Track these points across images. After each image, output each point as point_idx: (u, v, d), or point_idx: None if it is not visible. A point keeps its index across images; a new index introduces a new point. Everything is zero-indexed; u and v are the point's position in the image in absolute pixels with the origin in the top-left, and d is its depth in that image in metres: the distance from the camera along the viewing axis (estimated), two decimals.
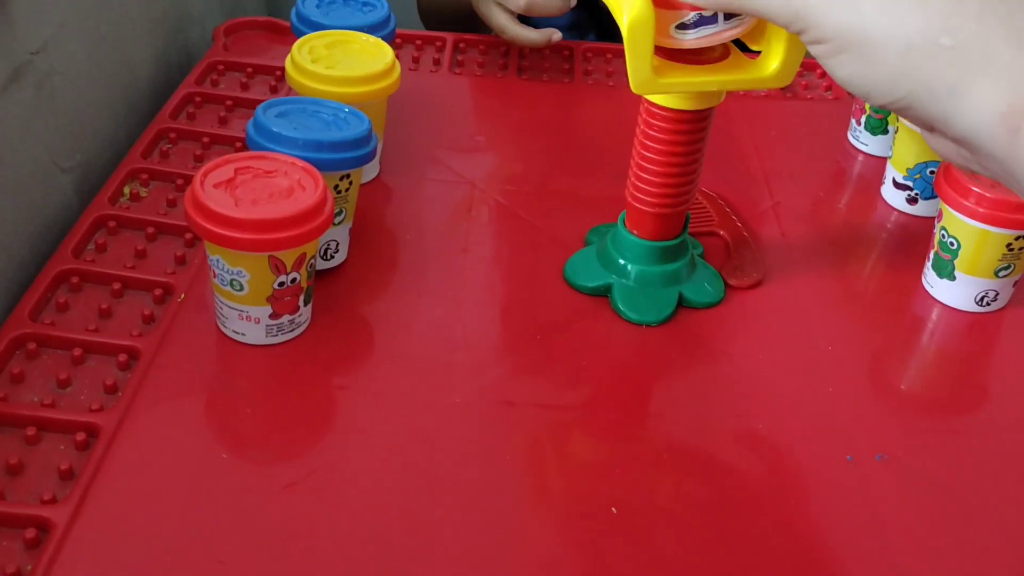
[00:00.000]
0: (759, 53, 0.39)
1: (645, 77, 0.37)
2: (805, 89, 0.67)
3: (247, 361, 0.41)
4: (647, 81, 0.37)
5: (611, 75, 0.66)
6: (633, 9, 0.36)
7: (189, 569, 0.33)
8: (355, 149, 0.43)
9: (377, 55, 0.50)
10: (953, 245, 0.46)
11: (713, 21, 0.37)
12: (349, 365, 0.42)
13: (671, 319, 0.46)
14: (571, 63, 0.67)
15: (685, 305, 0.46)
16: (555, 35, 0.64)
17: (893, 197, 0.54)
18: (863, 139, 0.59)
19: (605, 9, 0.38)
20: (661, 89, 0.38)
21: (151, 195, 0.51)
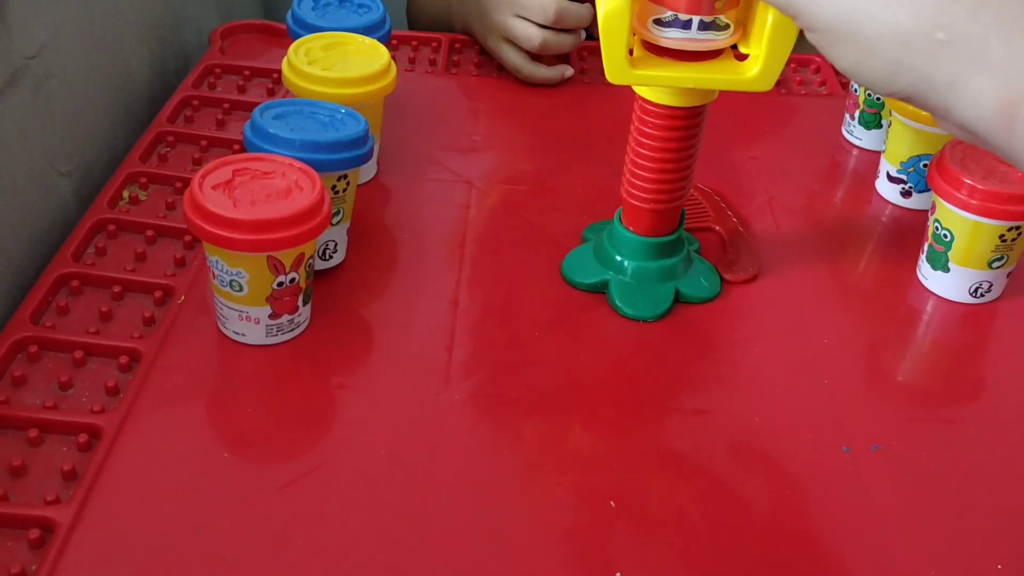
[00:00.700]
0: (748, 56, 0.40)
1: (619, 67, 0.38)
2: (800, 84, 0.67)
3: (247, 361, 0.42)
4: (621, 71, 0.38)
5: None
6: (610, 1, 0.36)
7: (192, 567, 0.33)
8: (352, 150, 0.43)
9: (373, 56, 0.50)
10: (946, 237, 0.46)
11: (687, 27, 0.37)
12: (348, 364, 0.43)
13: (667, 314, 0.46)
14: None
15: (681, 300, 0.47)
16: (568, 71, 0.64)
17: (887, 191, 0.55)
18: (857, 133, 0.59)
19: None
20: (635, 80, 0.39)
21: (150, 198, 0.51)
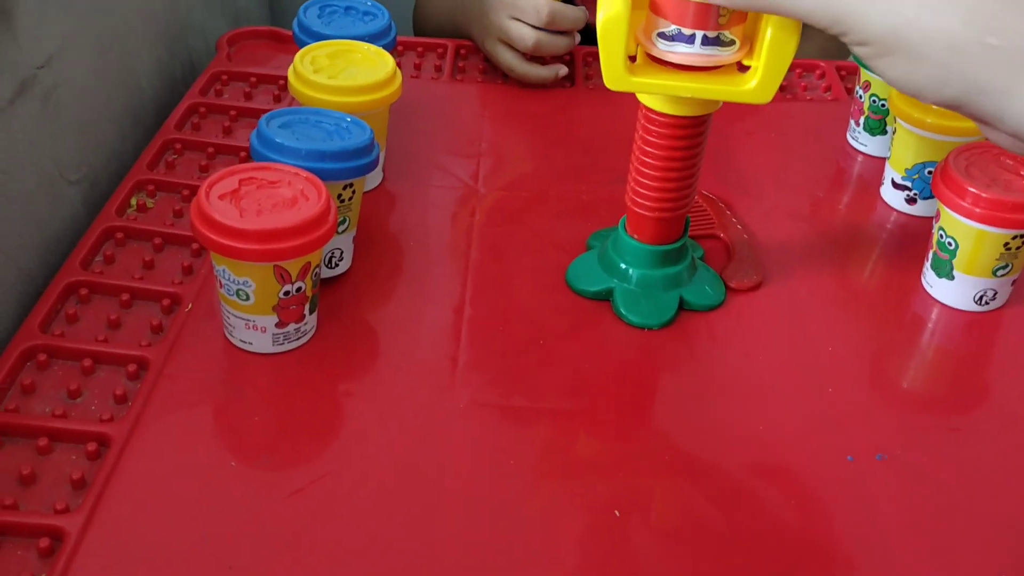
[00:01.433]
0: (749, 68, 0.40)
1: (618, 74, 0.38)
2: (804, 90, 0.67)
3: (254, 370, 0.42)
4: (619, 78, 0.38)
5: None
6: (610, 8, 0.37)
7: (200, 575, 0.33)
8: (357, 159, 0.43)
9: (378, 64, 0.50)
10: (951, 245, 0.46)
11: (691, 42, 0.37)
12: (354, 372, 0.43)
13: (672, 322, 0.46)
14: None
15: (686, 308, 0.47)
16: (561, 70, 0.64)
17: (892, 197, 0.55)
18: (862, 140, 0.59)
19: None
20: (633, 88, 0.39)
21: (158, 206, 0.51)
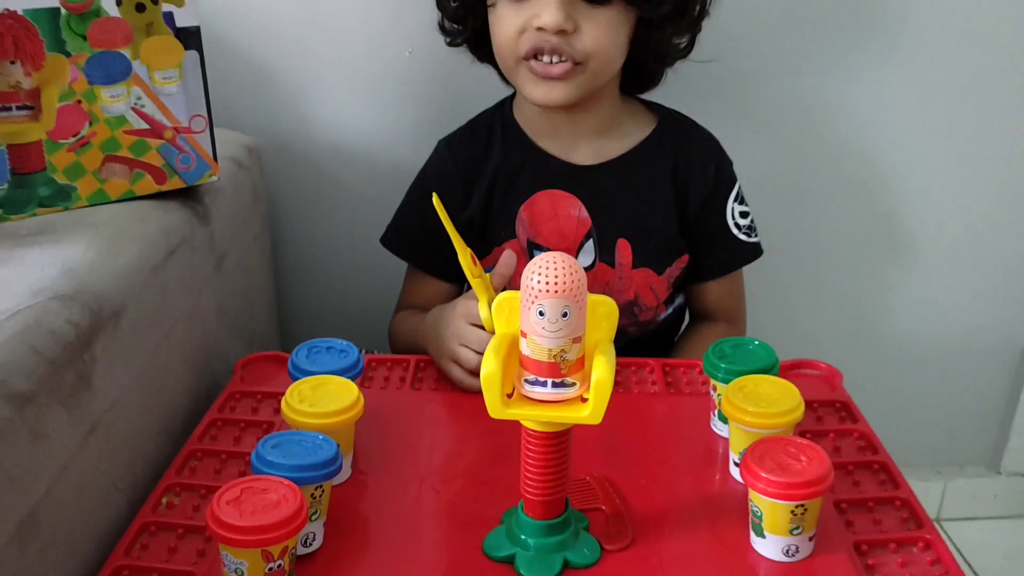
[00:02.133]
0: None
1: (496, 408, 0.57)
2: (687, 384, 0.87)
3: None
4: (498, 411, 0.57)
5: None
6: (487, 366, 0.56)
7: None
8: (324, 468, 0.62)
9: (345, 393, 0.70)
10: (758, 512, 0.63)
11: (544, 385, 0.57)
12: None
13: None
14: None
15: (570, 567, 0.63)
16: None
17: (736, 473, 0.72)
18: (719, 427, 0.78)
19: None
20: (508, 416, 0.58)
21: (181, 502, 0.69)
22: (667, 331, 1.00)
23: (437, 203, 0.72)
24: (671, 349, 1.00)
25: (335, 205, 1.16)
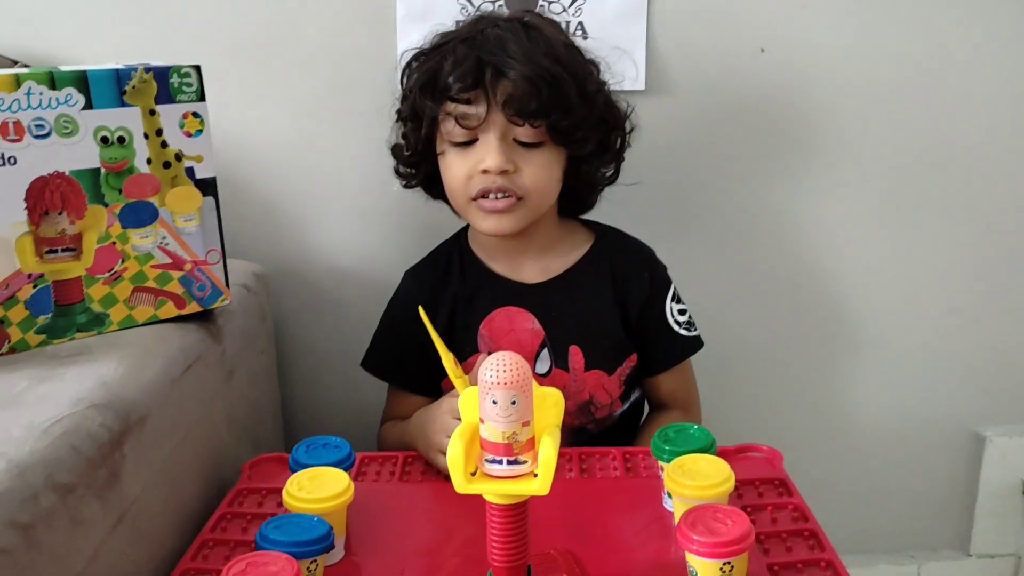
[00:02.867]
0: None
1: (461, 484, 0.67)
2: (645, 468, 0.97)
3: None
4: (462, 486, 0.67)
5: None
6: (452, 450, 0.67)
7: None
8: (318, 544, 0.72)
9: (338, 481, 0.81)
10: (693, 572, 0.72)
11: (500, 463, 0.68)
12: None
13: None
14: None
15: None
16: None
17: None
18: (668, 503, 0.88)
19: None
20: (471, 491, 0.68)
21: None
22: (627, 425, 1.11)
23: (423, 314, 0.85)
24: (633, 438, 1.11)
25: (332, 323, 1.30)
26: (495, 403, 0.68)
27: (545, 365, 1.05)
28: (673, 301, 1.10)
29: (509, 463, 0.69)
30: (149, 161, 0.88)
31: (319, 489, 0.80)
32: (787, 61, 1.24)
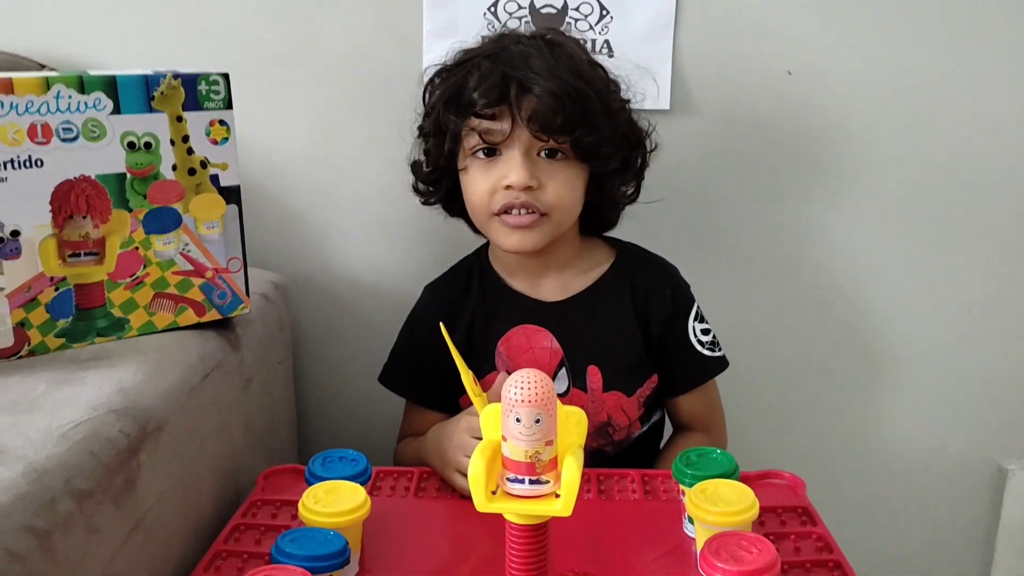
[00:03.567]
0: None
1: (482, 503, 0.66)
2: (663, 492, 0.95)
3: None
4: (483, 505, 0.66)
5: None
6: (474, 468, 0.66)
7: None
8: (334, 559, 0.71)
9: (355, 495, 0.80)
10: None
11: (523, 483, 0.67)
12: None
13: None
14: None
15: None
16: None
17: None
18: (689, 528, 0.86)
19: None
20: (492, 510, 0.67)
21: None
22: (646, 446, 1.10)
23: (444, 331, 0.84)
24: (654, 460, 1.09)
25: (350, 333, 1.30)
26: (519, 421, 0.67)
27: (563, 385, 1.04)
28: (696, 320, 1.08)
29: (531, 482, 0.68)
30: (174, 167, 0.87)
31: (336, 503, 0.79)
32: (812, 83, 1.24)
